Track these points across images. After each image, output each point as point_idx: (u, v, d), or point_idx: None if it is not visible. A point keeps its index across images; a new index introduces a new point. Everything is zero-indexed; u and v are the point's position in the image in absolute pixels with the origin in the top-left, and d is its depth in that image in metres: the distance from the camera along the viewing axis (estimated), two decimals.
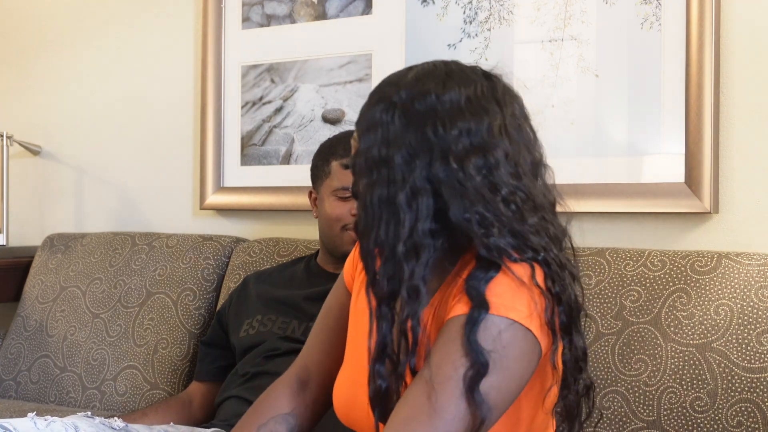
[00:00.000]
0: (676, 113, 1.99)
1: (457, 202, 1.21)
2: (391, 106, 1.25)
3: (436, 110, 1.24)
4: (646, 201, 2.01)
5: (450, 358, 1.17)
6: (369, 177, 1.25)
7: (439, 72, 1.28)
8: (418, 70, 1.29)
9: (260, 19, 2.56)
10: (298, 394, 1.49)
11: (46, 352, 2.51)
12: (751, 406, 1.67)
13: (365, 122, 1.28)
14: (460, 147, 1.22)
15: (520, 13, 2.17)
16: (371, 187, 1.24)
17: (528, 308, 1.20)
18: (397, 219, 1.22)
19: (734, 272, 1.77)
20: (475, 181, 1.21)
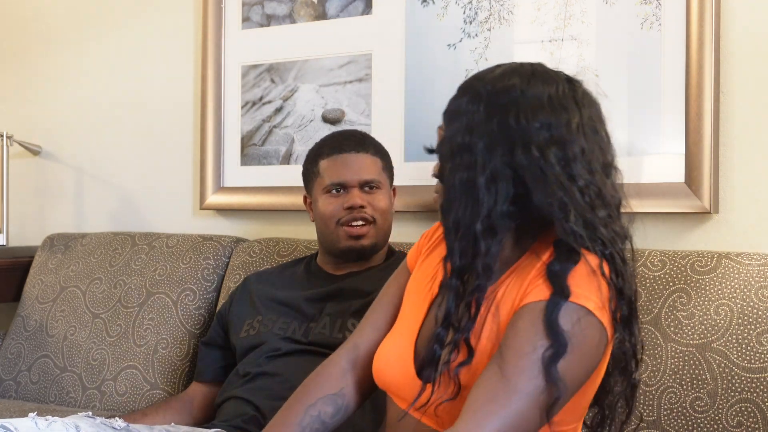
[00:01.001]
0: (676, 113, 1.99)
1: (540, 188, 1.28)
2: (476, 97, 1.33)
3: (519, 103, 1.31)
4: (646, 201, 2.01)
5: (530, 338, 1.23)
6: (452, 161, 1.33)
7: (524, 70, 1.36)
8: (506, 67, 1.37)
9: (260, 19, 2.56)
10: (346, 373, 1.54)
11: (46, 352, 2.51)
12: (751, 406, 1.67)
13: (452, 111, 1.37)
14: (541, 138, 1.29)
15: (520, 13, 2.17)
16: (454, 171, 1.33)
17: (600, 299, 1.27)
18: (476, 200, 1.30)
19: (734, 272, 1.77)
20: (555, 170, 1.28)
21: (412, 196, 2.28)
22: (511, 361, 1.22)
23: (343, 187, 1.97)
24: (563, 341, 1.22)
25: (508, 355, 1.23)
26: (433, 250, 1.55)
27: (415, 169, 2.29)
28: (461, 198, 1.32)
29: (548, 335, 1.22)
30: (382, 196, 1.99)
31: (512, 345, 1.24)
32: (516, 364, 1.22)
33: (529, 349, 1.22)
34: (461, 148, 1.33)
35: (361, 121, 2.37)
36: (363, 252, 1.97)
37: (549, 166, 1.28)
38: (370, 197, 1.97)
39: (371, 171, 1.98)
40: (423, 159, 2.29)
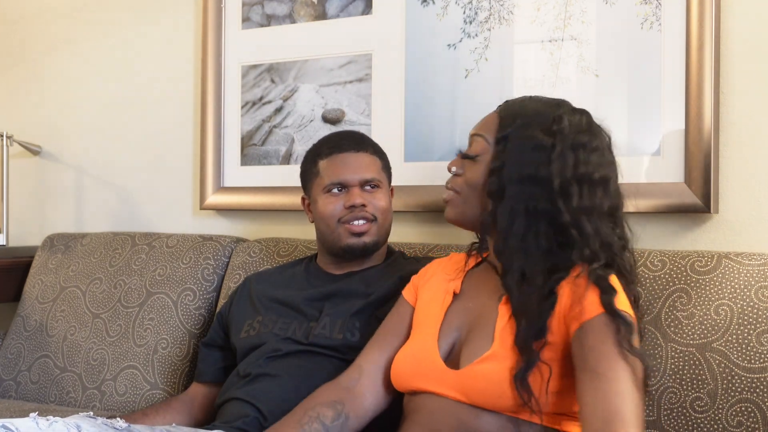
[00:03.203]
0: (676, 113, 1.99)
1: (596, 233, 1.49)
2: (554, 133, 1.52)
3: (588, 156, 1.52)
4: (646, 201, 2.01)
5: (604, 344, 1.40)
6: (520, 185, 1.51)
7: (585, 119, 1.58)
8: (569, 109, 1.58)
9: (260, 19, 2.56)
10: (346, 388, 1.66)
11: (46, 352, 2.51)
12: (751, 406, 1.67)
13: (524, 137, 1.53)
14: (601, 191, 1.52)
15: (520, 13, 2.17)
16: (521, 196, 1.51)
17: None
18: (564, 234, 1.49)
19: (734, 272, 1.77)
20: (606, 221, 1.52)
21: (411, 196, 2.28)
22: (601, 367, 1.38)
23: (343, 187, 1.96)
24: (627, 319, 1.40)
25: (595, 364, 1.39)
26: (428, 282, 1.73)
27: (415, 169, 2.29)
28: (528, 224, 1.50)
29: (612, 322, 1.40)
30: (382, 194, 1.99)
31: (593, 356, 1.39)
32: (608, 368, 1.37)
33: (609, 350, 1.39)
34: (533, 180, 1.50)
35: (361, 121, 2.37)
36: (365, 249, 1.97)
37: (598, 205, 1.51)
38: (370, 196, 1.97)
39: (371, 170, 1.98)
40: (423, 159, 2.29)
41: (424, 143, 2.29)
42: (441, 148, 2.27)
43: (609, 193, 1.53)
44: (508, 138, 1.54)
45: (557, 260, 1.49)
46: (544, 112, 1.56)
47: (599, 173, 1.52)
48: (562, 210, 1.49)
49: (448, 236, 2.24)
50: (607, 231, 1.50)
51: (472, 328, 1.58)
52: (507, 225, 1.51)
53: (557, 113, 1.55)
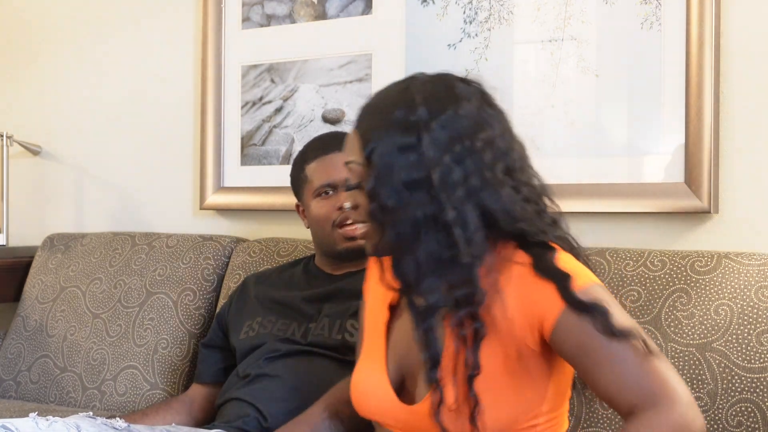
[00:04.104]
0: (676, 113, 1.99)
1: (500, 207, 1.33)
2: (412, 127, 1.34)
3: (460, 126, 1.34)
4: (646, 201, 2.01)
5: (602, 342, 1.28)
6: (398, 198, 1.33)
7: (442, 88, 1.38)
8: (420, 88, 1.38)
9: (260, 19, 2.56)
10: (324, 415, 1.64)
11: (46, 352, 2.51)
12: (751, 406, 1.67)
13: (385, 146, 1.35)
14: (489, 156, 1.34)
15: (520, 13, 2.17)
16: (404, 208, 1.33)
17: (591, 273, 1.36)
18: (449, 235, 1.31)
19: (734, 272, 1.77)
20: (507, 186, 1.35)
21: None
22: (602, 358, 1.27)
23: (333, 188, 1.96)
24: (597, 305, 1.28)
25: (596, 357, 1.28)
26: (370, 281, 1.59)
27: None
28: (424, 235, 1.32)
29: (582, 312, 1.28)
30: None
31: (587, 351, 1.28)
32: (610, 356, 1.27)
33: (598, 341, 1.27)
34: (412, 185, 1.33)
35: None
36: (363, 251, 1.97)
37: (500, 183, 1.34)
38: None
39: None
40: None
41: None
42: None
43: (499, 153, 1.35)
44: (372, 153, 1.36)
45: (462, 273, 1.32)
46: (394, 106, 1.37)
47: (479, 137, 1.34)
48: (446, 206, 1.31)
49: None
50: (510, 200, 1.34)
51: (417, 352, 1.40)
52: (397, 249, 1.35)
53: (408, 99, 1.36)
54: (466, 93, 1.38)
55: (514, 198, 1.35)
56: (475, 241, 1.31)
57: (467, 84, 1.40)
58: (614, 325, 1.26)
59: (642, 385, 1.24)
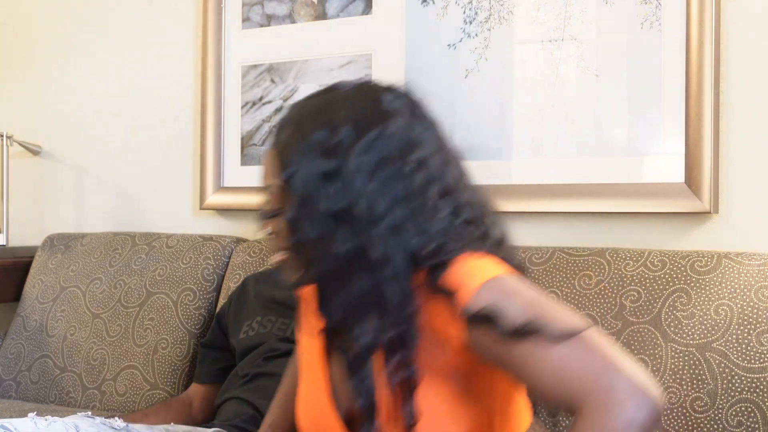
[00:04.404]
0: (676, 113, 1.99)
1: (429, 240, 1.19)
2: (335, 150, 1.21)
3: (388, 148, 1.21)
4: (646, 201, 2.01)
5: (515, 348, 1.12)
6: (319, 230, 1.20)
7: (367, 103, 1.25)
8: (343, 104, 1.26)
9: (260, 19, 2.56)
10: None
11: (46, 352, 2.51)
12: (751, 406, 1.67)
13: (305, 171, 1.21)
14: (420, 180, 1.21)
15: (520, 13, 2.17)
16: (326, 242, 1.19)
17: (496, 267, 1.19)
18: (375, 272, 1.18)
19: (734, 272, 1.77)
20: (442, 212, 1.21)
21: None
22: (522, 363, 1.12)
23: None
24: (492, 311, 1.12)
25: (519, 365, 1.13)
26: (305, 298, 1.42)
27: None
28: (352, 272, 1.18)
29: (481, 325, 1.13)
30: None
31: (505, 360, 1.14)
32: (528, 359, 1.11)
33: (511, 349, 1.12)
34: (336, 216, 1.19)
35: None
36: None
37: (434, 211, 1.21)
38: None
39: None
40: None
41: None
42: None
43: (432, 174, 1.22)
44: (292, 178, 1.22)
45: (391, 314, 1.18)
46: (315, 125, 1.24)
47: (409, 159, 1.21)
48: (371, 241, 1.17)
49: None
50: (444, 228, 1.20)
51: None
52: (321, 286, 1.22)
53: (329, 118, 1.23)
54: (394, 107, 1.25)
55: (451, 224, 1.21)
56: (402, 280, 1.17)
57: (395, 95, 1.27)
58: (512, 327, 1.11)
59: (570, 386, 1.08)
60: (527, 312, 1.13)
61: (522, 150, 2.16)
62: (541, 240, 2.12)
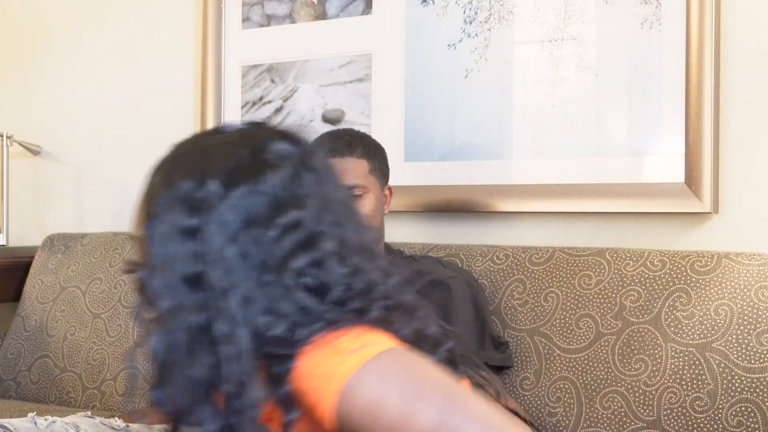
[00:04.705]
0: (676, 113, 1.99)
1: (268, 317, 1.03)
2: (199, 205, 1.05)
3: (255, 207, 1.05)
4: (646, 201, 2.01)
5: None
6: (173, 297, 1.04)
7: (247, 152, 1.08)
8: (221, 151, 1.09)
9: (260, 19, 2.56)
10: None
11: (46, 352, 2.51)
12: (751, 406, 1.67)
13: (166, 227, 1.06)
14: (286, 247, 1.04)
15: (520, 13, 2.17)
16: (174, 311, 1.04)
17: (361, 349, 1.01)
18: (216, 352, 1.02)
19: (734, 272, 1.77)
20: (298, 291, 1.03)
21: (411, 196, 2.27)
22: None
23: None
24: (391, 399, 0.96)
25: None
26: None
27: (415, 169, 2.29)
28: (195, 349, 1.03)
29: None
30: (366, 201, 1.95)
31: None
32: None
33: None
34: (187, 281, 1.04)
35: (361, 121, 2.37)
36: None
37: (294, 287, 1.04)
38: None
39: (355, 175, 1.94)
40: (423, 159, 2.29)
41: (424, 143, 2.28)
42: (441, 148, 2.26)
43: (304, 240, 1.04)
44: (152, 233, 1.08)
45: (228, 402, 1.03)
46: (185, 173, 1.07)
47: (276, 222, 1.04)
48: (218, 316, 1.02)
49: (448, 236, 2.23)
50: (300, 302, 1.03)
51: None
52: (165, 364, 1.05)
53: (200, 168, 1.07)
54: (279, 157, 1.07)
55: (312, 303, 1.03)
56: (243, 362, 1.01)
57: (285, 143, 1.10)
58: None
59: None
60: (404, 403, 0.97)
61: (522, 150, 2.16)
62: (541, 240, 2.12)
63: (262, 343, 1.02)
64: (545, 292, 1.93)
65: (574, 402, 1.81)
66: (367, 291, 1.07)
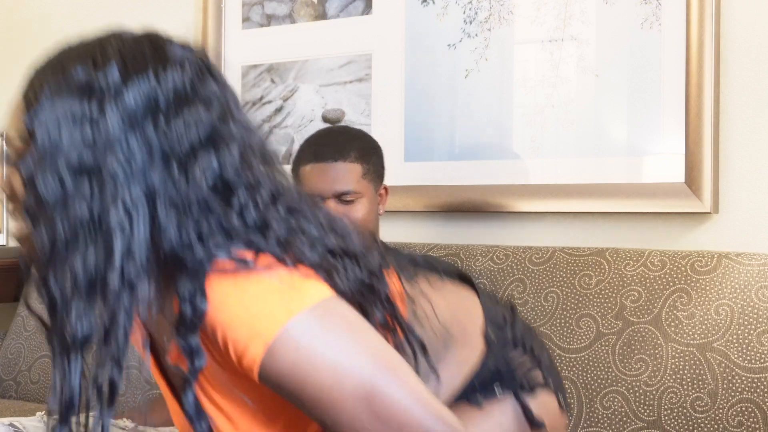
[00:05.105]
0: (676, 113, 1.99)
1: (173, 222, 0.98)
2: (95, 90, 0.99)
3: (162, 96, 1.00)
4: (646, 201, 2.01)
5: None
6: (60, 187, 0.98)
7: (147, 45, 1.04)
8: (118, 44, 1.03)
9: (260, 19, 2.56)
10: None
11: (46, 352, 2.51)
12: (752, 406, 1.67)
13: (52, 114, 1.00)
14: (186, 144, 0.99)
15: (520, 13, 2.17)
16: (65, 202, 0.98)
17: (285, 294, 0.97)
18: (107, 245, 0.97)
19: (734, 272, 1.78)
20: (201, 190, 0.98)
21: (411, 196, 2.28)
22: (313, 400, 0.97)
23: (320, 198, 1.93)
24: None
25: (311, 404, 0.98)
26: None
27: (415, 169, 2.29)
28: (79, 242, 0.97)
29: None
30: (359, 206, 1.93)
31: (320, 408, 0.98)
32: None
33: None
34: (78, 170, 0.98)
35: (361, 121, 2.37)
36: None
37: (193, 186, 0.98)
38: (345, 208, 1.92)
39: (347, 181, 1.92)
40: (423, 159, 2.29)
41: (424, 143, 2.29)
42: (441, 148, 2.27)
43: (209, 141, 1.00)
44: (34, 121, 1.01)
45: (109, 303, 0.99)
46: (76, 61, 1.02)
47: (184, 115, 1.00)
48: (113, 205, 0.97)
49: (448, 236, 2.24)
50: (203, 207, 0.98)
51: None
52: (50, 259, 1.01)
53: (97, 54, 1.01)
54: (182, 57, 1.04)
55: (220, 210, 0.99)
56: (136, 260, 0.97)
57: (186, 49, 1.07)
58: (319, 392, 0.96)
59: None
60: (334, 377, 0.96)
61: (522, 150, 2.16)
62: (541, 240, 2.12)
63: (163, 250, 0.98)
64: (545, 292, 1.93)
65: (575, 402, 1.81)
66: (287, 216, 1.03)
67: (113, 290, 0.97)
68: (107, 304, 0.97)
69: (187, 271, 0.96)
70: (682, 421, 1.71)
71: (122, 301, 0.97)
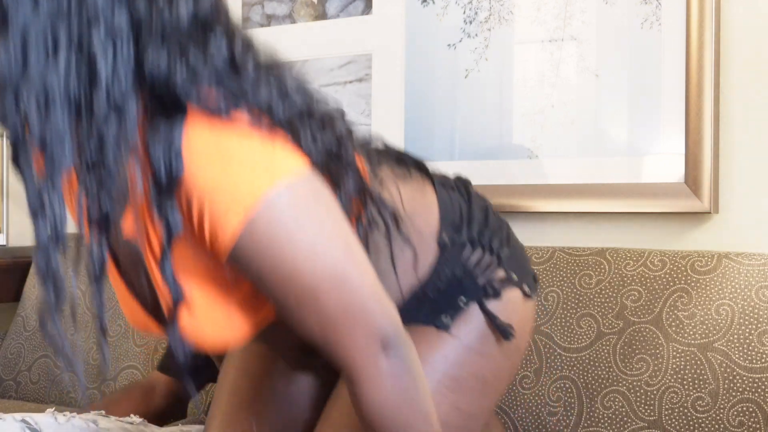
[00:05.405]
0: (676, 113, 1.99)
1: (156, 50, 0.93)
2: None
3: None
4: (646, 201, 2.02)
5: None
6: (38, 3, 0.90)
7: None
8: None
9: (260, 19, 2.56)
10: None
11: (46, 352, 2.51)
12: (753, 406, 1.67)
13: None
14: None
15: (520, 13, 2.17)
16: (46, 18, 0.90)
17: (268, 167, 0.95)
18: (92, 66, 0.91)
19: (734, 272, 1.78)
20: (183, 22, 0.96)
21: None
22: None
23: None
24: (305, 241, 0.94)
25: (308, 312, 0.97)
26: None
27: None
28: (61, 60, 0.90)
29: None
30: None
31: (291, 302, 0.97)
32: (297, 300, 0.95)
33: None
34: None
35: (361, 121, 2.37)
36: None
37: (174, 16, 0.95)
38: None
39: None
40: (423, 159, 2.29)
41: (424, 143, 2.29)
42: (441, 148, 2.27)
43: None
44: None
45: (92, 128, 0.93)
46: None
47: None
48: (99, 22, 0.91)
49: None
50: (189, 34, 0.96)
51: None
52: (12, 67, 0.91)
53: None
54: None
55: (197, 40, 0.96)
56: (121, 83, 0.92)
57: None
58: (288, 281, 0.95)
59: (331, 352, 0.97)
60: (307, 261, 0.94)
61: (522, 150, 2.16)
62: (541, 240, 2.12)
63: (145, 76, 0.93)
64: (546, 292, 1.93)
65: (575, 401, 1.81)
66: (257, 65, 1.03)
67: (101, 113, 0.91)
68: (93, 129, 0.92)
69: (166, 113, 0.92)
70: (682, 421, 1.71)
71: (110, 123, 0.92)
